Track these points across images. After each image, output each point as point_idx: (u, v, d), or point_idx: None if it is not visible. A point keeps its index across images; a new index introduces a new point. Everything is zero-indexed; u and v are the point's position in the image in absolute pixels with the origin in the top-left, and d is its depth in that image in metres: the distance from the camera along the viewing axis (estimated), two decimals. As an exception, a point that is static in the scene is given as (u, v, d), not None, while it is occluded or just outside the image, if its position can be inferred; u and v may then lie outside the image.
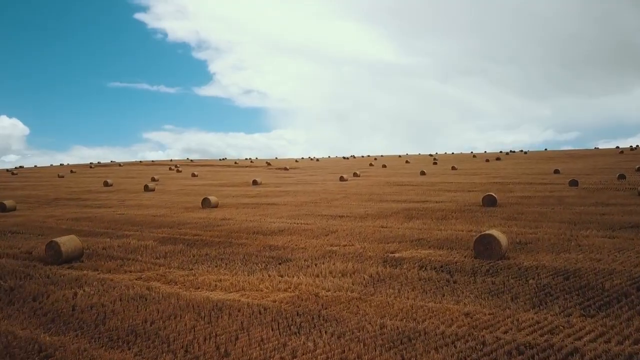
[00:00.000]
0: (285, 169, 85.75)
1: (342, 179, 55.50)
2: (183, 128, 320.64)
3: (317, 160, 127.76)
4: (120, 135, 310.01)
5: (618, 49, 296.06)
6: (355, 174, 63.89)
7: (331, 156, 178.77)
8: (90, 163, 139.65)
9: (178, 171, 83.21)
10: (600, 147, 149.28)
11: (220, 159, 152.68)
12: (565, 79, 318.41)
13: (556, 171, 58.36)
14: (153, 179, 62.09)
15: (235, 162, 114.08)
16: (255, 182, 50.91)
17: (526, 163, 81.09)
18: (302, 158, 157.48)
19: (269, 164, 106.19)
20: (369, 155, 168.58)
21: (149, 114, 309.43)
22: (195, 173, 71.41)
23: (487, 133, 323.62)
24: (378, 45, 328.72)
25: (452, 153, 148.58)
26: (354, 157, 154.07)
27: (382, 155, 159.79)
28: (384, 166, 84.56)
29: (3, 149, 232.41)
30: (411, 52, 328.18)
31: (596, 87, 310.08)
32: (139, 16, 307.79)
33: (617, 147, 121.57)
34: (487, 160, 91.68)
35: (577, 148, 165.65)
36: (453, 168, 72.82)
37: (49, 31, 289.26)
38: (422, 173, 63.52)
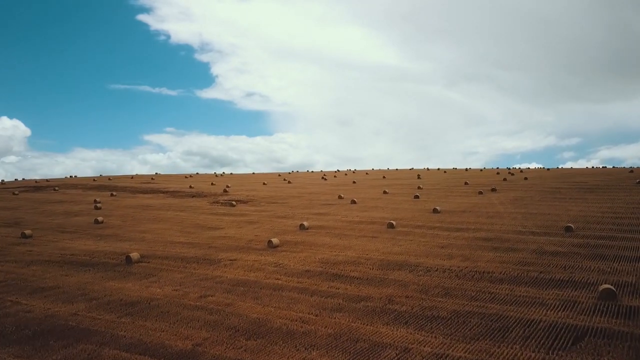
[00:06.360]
0: (232, 204, 69.89)
1: (270, 244, 39.76)
2: (184, 131, 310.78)
3: (289, 182, 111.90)
4: (121, 138, 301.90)
5: (623, 55, 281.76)
6: (301, 227, 48.24)
7: (315, 171, 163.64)
8: (35, 181, 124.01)
9: (96, 207, 67.30)
10: (607, 166, 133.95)
11: (186, 176, 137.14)
12: (569, 85, 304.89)
13: (568, 228, 42.61)
14: (23, 236, 46.15)
15: (191, 186, 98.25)
16: (129, 260, 35.05)
17: (527, 199, 65.07)
18: (280, 175, 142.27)
19: (226, 190, 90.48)
20: (354, 171, 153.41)
21: (150, 116, 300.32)
22: (100, 219, 55.46)
23: (489, 139, 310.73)
24: (383, 50, 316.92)
25: (445, 172, 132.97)
26: (336, 174, 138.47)
27: (367, 172, 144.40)
28: (353, 202, 68.67)
29: (4, 150, 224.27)
30: (416, 57, 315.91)
31: (600, 94, 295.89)
32: (141, 17, 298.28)
33: (631, 171, 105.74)
34: (481, 193, 75.73)
35: (583, 166, 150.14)
36: (434, 211, 57.09)
37: (50, 32, 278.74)
38: (390, 226, 47.72)
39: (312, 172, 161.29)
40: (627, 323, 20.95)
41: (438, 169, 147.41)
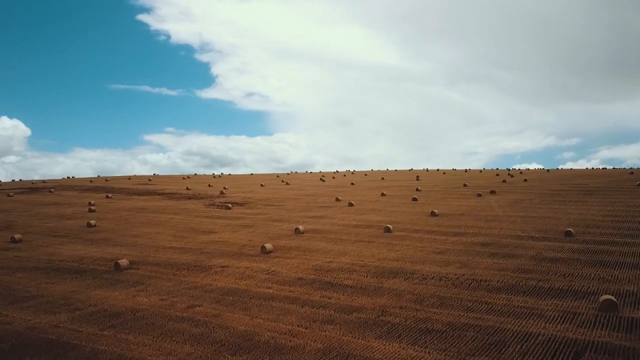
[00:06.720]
0: (228, 206, 68.95)
1: (264, 250, 38.84)
2: (184, 131, 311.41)
3: (287, 183, 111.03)
4: (121, 138, 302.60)
5: (623, 55, 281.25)
6: (296, 231, 47.32)
7: (314, 172, 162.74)
8: (32, 182, 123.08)
9: (90, 210, 66.42)
10: (608, 167, 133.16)
11: (184, 177, 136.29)
12: (569, 85, 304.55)
13: (568, 233, 41.79)
14: (12, 240, 45.28)
15: (188, 188, 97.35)
16: (117, 267, 34.15)
17: (526, 202, 64.23)
18: (278, 176, 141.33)
19: (223, 191, 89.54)
20: (353, 172, 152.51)
21: (150, 116, 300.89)
22: (93, 222, 54.60)
23: (489, 139, 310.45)
24: (383, 50, 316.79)
25: (444, 173, 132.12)
26: (334, 175, 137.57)
27: (366, 173, 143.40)
28: (351, 205, 67.79)
29: (4, 150, 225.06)
30: (416, 57, 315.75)
31: (600, 94, 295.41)
32: (141, 17, 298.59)
33: (631, 173, 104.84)
34: (479, 195, 74.89)
35: (583, 166, 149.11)
36: (432, 214, 56.26)
37: (50, 32, 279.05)
38: (387, 230, 46.85)
39: (310, 173, 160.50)
40: (628, 337, 20.12)
41: (437, 170, 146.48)
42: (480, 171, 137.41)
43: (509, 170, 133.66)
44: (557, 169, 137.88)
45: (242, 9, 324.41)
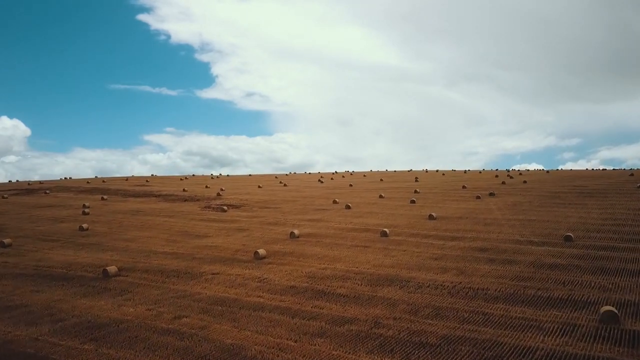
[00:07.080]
0: (224, 209, 68.08)
1: (257, 256, 38.03)
2: (184, 131, 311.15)
3: (285, 185, 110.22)
4: (121, 138, 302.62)
5: (623, 55, 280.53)
6: (292, 235, 46.46)
7: (313, 172, 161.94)
8: (28, 183, 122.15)
9: (84, 213, 65.53)
10: (608, 167, 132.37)
11: (182, 178, 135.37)
12: (569, 85, 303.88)
13: (567, 238, 40.98)
14: (1, 245, 44.35)
15: (184, 190, 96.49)
16: (106, 274, 33.32)
17: (526, 205, 63.37)
18: (277, 177, 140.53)
19: (220, 193, 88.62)
20: (352, 173, 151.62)
21: (150, 116, 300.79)
22: (85, 226, 53.75)
23: (489, 139, 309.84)
24: (383, 50, 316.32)
25: (443, 174, 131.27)
26: (333, 176, 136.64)
27: (365, 174, 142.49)
28: (348, 207, 66.94)
29: (4, 150, 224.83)
30: (416, 57, 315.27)
31: (600, 94, 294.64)
32: (141, 17, 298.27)
33: (631, 174, 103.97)
34: (478, 197, 74.06)
35: (583, 167, 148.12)
36: (430, 217, 55.43)
37: (50, 32, 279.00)
38: (384, 234, 46.04)
39: (309, 173, 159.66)
40: (631, 352, 19.30)
41: (437, 171, 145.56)
42: (480, 172, 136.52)
43: (508, 171, 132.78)
44: (557, 169, 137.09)
45: (242, 9, 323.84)
